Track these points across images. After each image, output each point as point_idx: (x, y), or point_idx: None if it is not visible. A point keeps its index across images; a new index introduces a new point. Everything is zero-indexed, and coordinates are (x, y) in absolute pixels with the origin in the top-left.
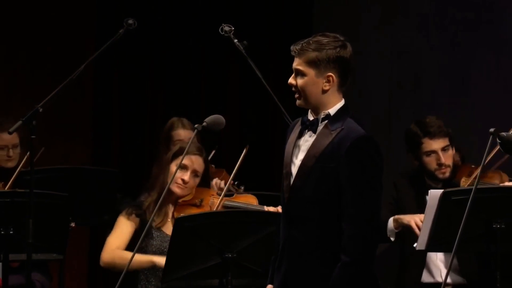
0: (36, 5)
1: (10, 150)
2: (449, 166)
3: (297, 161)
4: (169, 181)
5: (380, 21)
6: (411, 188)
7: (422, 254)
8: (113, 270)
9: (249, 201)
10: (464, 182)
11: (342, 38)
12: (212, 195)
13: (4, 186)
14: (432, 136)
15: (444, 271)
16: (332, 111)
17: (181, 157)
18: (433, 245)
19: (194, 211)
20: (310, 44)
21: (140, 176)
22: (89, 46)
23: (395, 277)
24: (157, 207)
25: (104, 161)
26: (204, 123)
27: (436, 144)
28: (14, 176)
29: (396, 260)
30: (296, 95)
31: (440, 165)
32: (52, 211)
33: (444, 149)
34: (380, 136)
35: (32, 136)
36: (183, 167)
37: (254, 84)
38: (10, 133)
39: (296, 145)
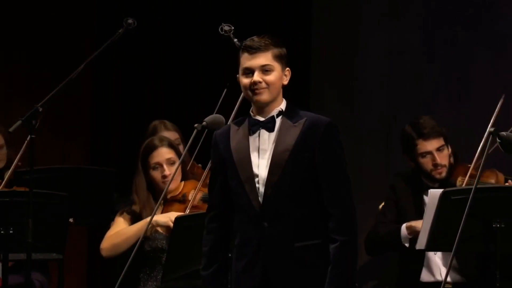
0: (36, 5)
1: None
2: (445, 166)
3: (262, 160)
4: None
5: (380, 21)
6: (408, 188)
7: (421, 253)
8: (117, 254)
9: None
10: (460, 181)
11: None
12: (195, 188)
13: None
14: (426, 137)
15: (443, 270)
16: (282, 107)
17: (149, 158)
18: (433, 244)
19: (179, 207)
20: (270, 40)
21: None
22: (89, 46)
23: (395, 276)
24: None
25: (103, 161)
26: (204, 123)
27: (431, 145)
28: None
29: (396, 260)
30: (259, 91)
31: (435, 165)
32: (51, 211)
33: (439, 149)
34: (379, 136)
35: (32, 136)
36: (156, 167)
37: None
38: (10, 133)
39: (251, 147)
